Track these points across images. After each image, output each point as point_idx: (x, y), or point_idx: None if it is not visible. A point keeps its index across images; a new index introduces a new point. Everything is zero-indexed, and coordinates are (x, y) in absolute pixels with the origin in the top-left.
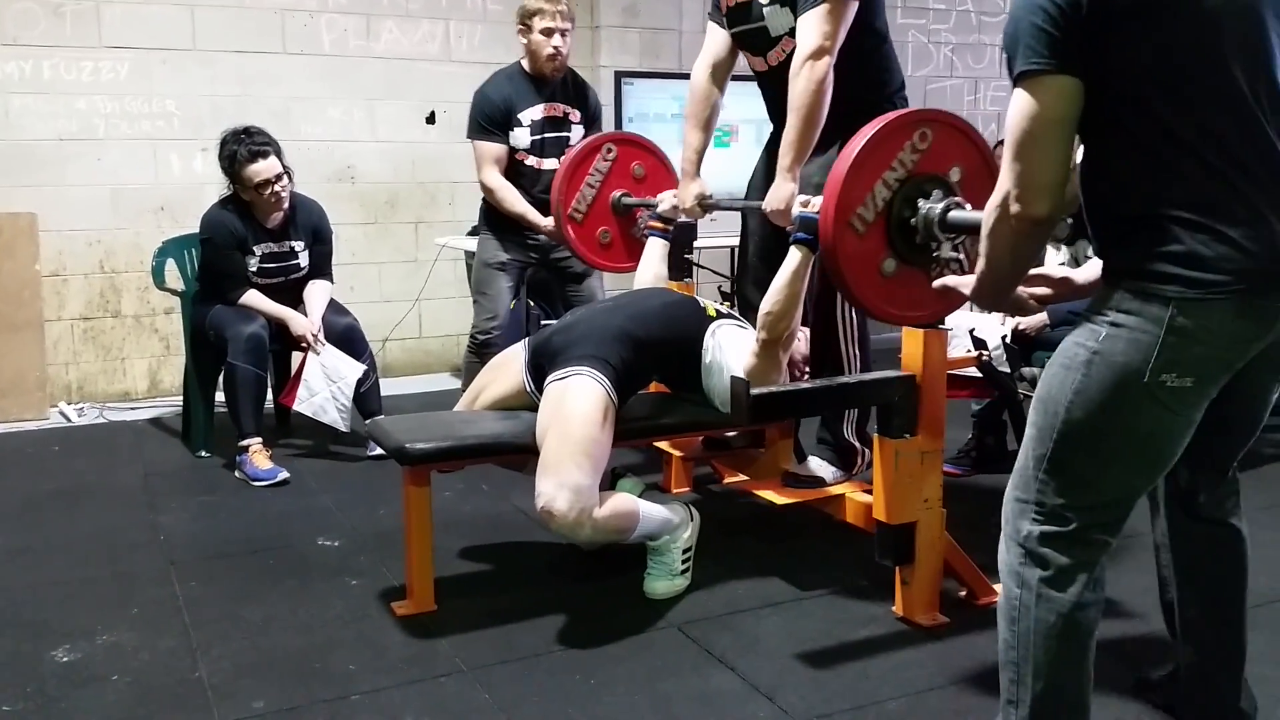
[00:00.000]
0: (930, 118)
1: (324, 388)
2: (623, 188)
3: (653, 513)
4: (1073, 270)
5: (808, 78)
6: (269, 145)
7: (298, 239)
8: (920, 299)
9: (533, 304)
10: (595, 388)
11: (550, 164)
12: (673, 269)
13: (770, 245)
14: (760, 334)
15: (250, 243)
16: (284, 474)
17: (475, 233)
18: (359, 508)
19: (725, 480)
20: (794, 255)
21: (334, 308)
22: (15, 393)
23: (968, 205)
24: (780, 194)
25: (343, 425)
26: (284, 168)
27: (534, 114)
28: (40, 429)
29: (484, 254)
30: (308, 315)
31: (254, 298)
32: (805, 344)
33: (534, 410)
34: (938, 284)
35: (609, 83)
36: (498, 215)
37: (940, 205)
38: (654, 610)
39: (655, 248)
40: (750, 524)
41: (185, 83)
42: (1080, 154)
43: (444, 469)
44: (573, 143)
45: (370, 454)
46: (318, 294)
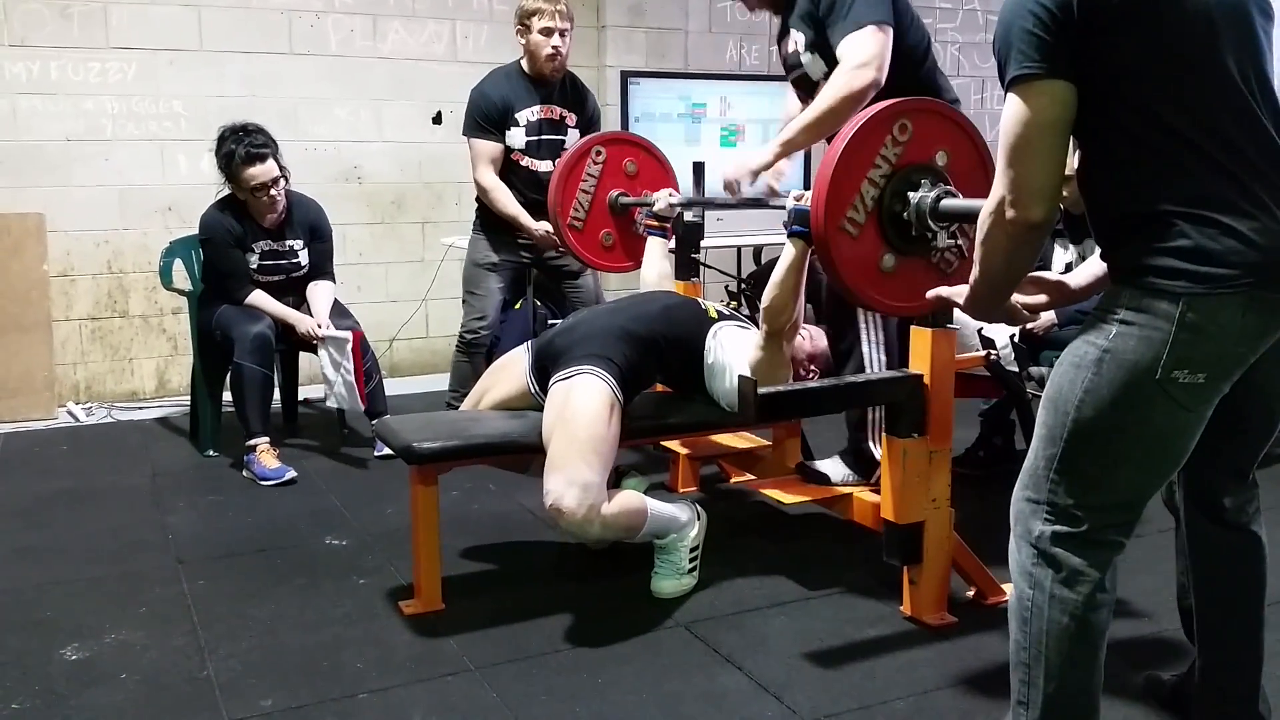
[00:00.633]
0: (907, 108)
1: (337, 375)
2: (618, 187)
3: (660, 511)
4: (1067, 275)
5: (845, 84)
6: (267, 146)
7: (295, 237)
8: (923, 288)
9: (539, 305)
10: (601, 386)
11: (545, 166)
12: (680, 268)
13: None
14: (762, 327)
15: (249, 240)
16: (291, 473)
17: None
18: (366, 507)
19: (732, 479)
20: (789, 249)
21: (337, 310)
22: (23, 392)
23: (959, 193)
24: (742, 161)
25: (357, 404)
26: (281, 169)
27: (531, 115)
28: (48, 429)
29: (474, 254)
30: (313, 313)
31: (260, 298)
32: (810, 342)
33: (539, 411)
34: (931, 294)
35: (615, 82)
36: (491, 215)
37: (931, 195)
38: (661, 609)
39: (655, 246)
40: (758, 523)
41: (192, 83)
42: (1076, 157)
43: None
44: (568, 146)
45: (378, 454)
46: (322, 294)
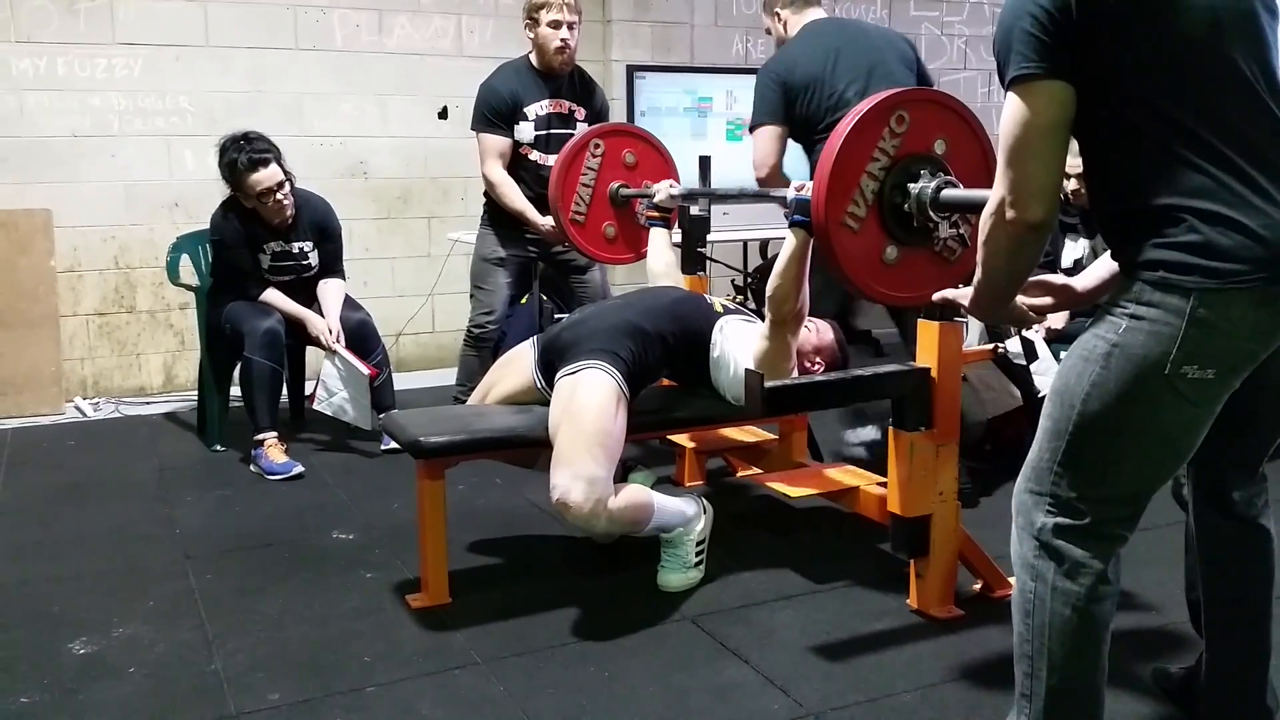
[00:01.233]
0: (904, 99)
1: (342, 388)
2: (617, 178)
3: (667, 505)
4: (1075, 278)
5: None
6: (269, 152)
7: (304, 239)
8: (927, 278)
9: (545, 299)
10: (607, 380)
11: (553, 160)
12: (686, 262)
13: None
14: (767, 315)
15: (259, 242)
16: (299, 468)
17: None
18: (374, 501)
19: (739, 473)
20: (791, 239)
21: (347, 303)
22: (31, 387)
23: (959, 182)
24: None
25: (366, 423)
26: (285, 173)
27: (539, 109)
28: (56, 423)
29: (482, 248)
30: (325, 315)
31: (273, 296)
32: (816, 335)
33: (545, 405)
34: (937, 296)
35: (621, 77)
36: (498, 210)
37: (931, 186)
38: (668, 603)
39: (659, 236)
40: (764, 517)
41: (198, 79)
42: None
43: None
44: None
45: (384, 448)
46: (332, 293)
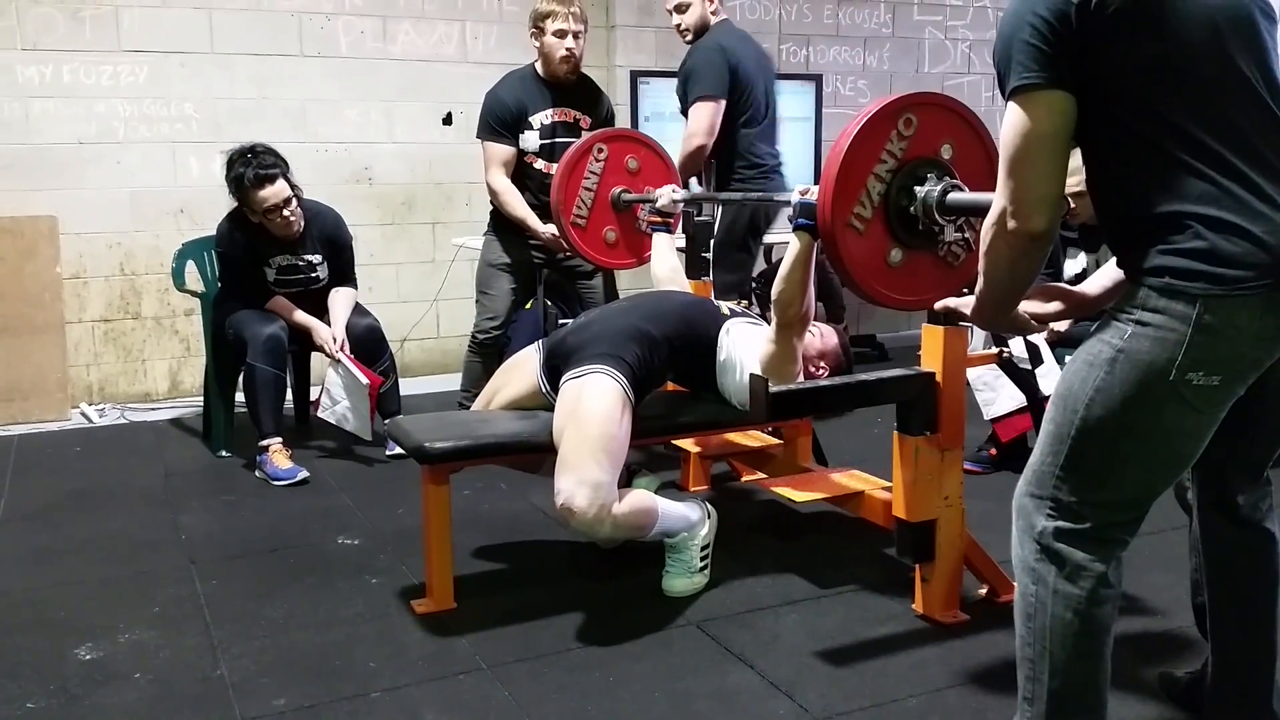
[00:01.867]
0: (911, 102)
1: (345, 397)
2: (620, 184)
3: (671, 510)
4: (1081, 284)
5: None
6: (275, 167)
7: (313, 252)
8: (930, 282)
9: (550, 304)
10: (612, 385)
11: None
12: (691, 267)
13: None
14: (773, 319)
15: (265, 255)
16: (304, 473)
17: None
18: (378, 507)
19: (743, 478)
20: (795, 242)
21: (356, 310)
22: (37, 394)
23: (965, 186)
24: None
25: (365, 434)
26: (293, 187)
27: (544, 118)
28: (62, 430)
29: (488, 254)
30: (331, 323)
31: (279, 303)
32: (821, 340)
33: (550, 410)
34: (939, 305)
35: (625, 82)
36: (503, 217)
37: (938, 189)
38: (672, 608)
39: (662, 241)
40: (769, 522)
41: (203, 85)
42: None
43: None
44: None
45: (389, 453)
46: (341, 301)
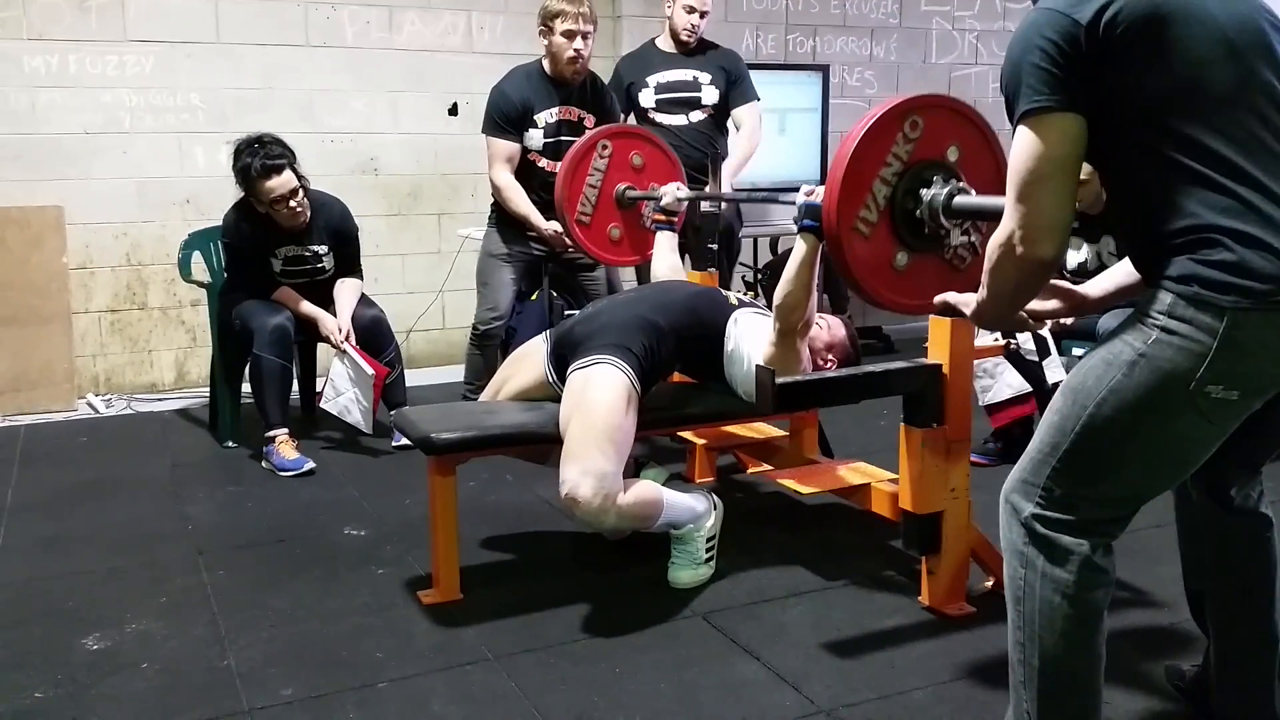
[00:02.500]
0: (918, 104)
1: (349, 388)
2: (624, 180)
3: (676, 501)
4: (1085, 284)
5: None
6: (282, 158)
7: (319, 242)
8: (936, 286)
9: (555, 295)
10: (618, 375)
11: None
12: (697, 259)
13: None
14: (775, 324)
15: (271, 245)
16: (310, 464)
17: None
18: (385, 497)
19: (749, 469)
20: (800, 245)
21: (361, 301)
22: (44, 384)
23: (971, 189)
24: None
25: (365, 426)
26: (300, 178)
27: (549, 116)
28: (68, 420)
29: (488, 245)
30: (337, 314)
31: (285, 293)
32: (828, 332)
33: (557, 401)
34: (938, 299)
35: None
36: (505, 209)
37: (944, 192)
38: (678, 599)
39: (664, 240)
40: (775, 513)
41: (209, 76)
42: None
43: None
44: None
45: (396, 444)
46: (347, 292)
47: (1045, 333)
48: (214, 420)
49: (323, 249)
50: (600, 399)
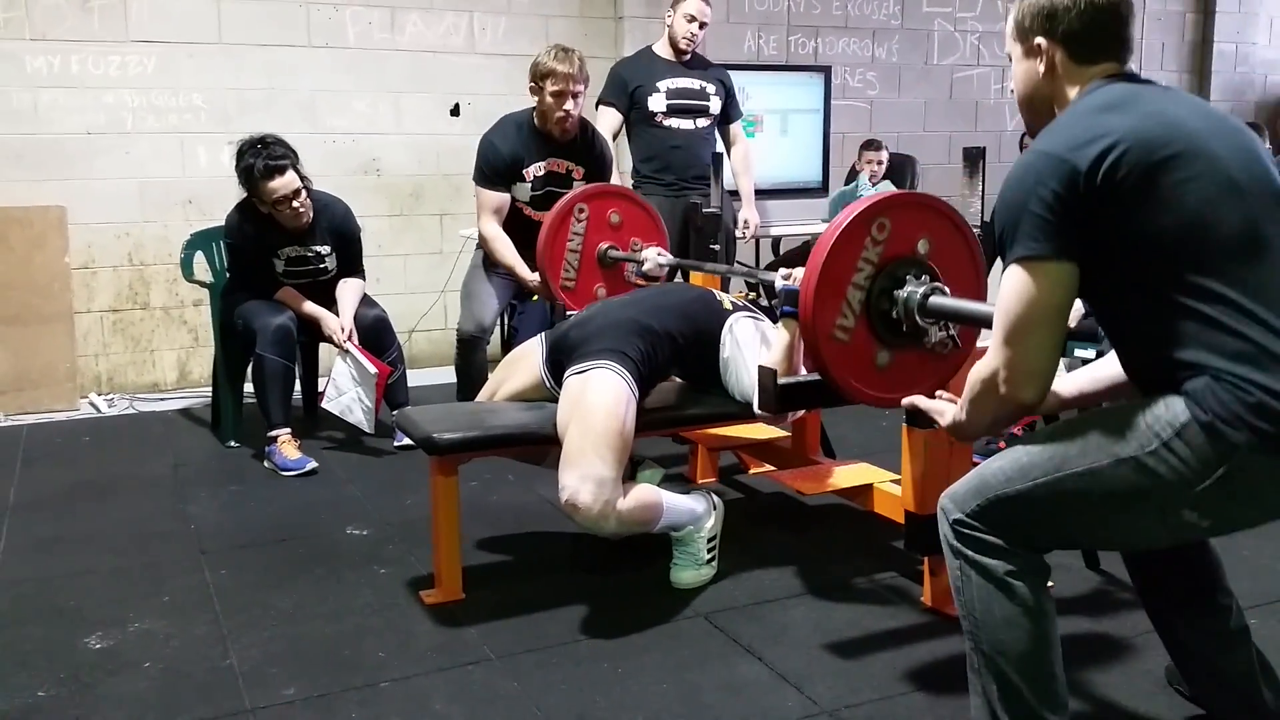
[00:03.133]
0: (881, 207)
1: (351, 388)
2: (604, 239)
3: (676, 504)
4: (1056, 381)
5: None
6: (286, 158)
7: (322, 243)
8: (921, 375)
9: None
10: (616, 380)
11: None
12: (700, 259)
13: None
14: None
15: (274, 246)
16: (312, 464)
17: None
18: (387, 497)
19: (751, 470)
20: (783, 331)
21: (363, 301)
22: (46, 384)
23: (945, 285)
24: None
25: (367, 426)
26: (302, 179)
27: (538, 169)
28: (71, 420)
29: (477, 256)
30: (340, 314)
31: (287, 293)
32: None
33: (555, 403)
34: (906, 402)
35: None
36: (491, 258)
37: (919, 292)
38: (680, 600)
39: None
40: (777, 514)
41: (212, 76)
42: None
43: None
44: None
45: (398, 444)
46: (349, 293)
47: None
48: (216, 420)
49: (325, 249)
50: (598, 404)
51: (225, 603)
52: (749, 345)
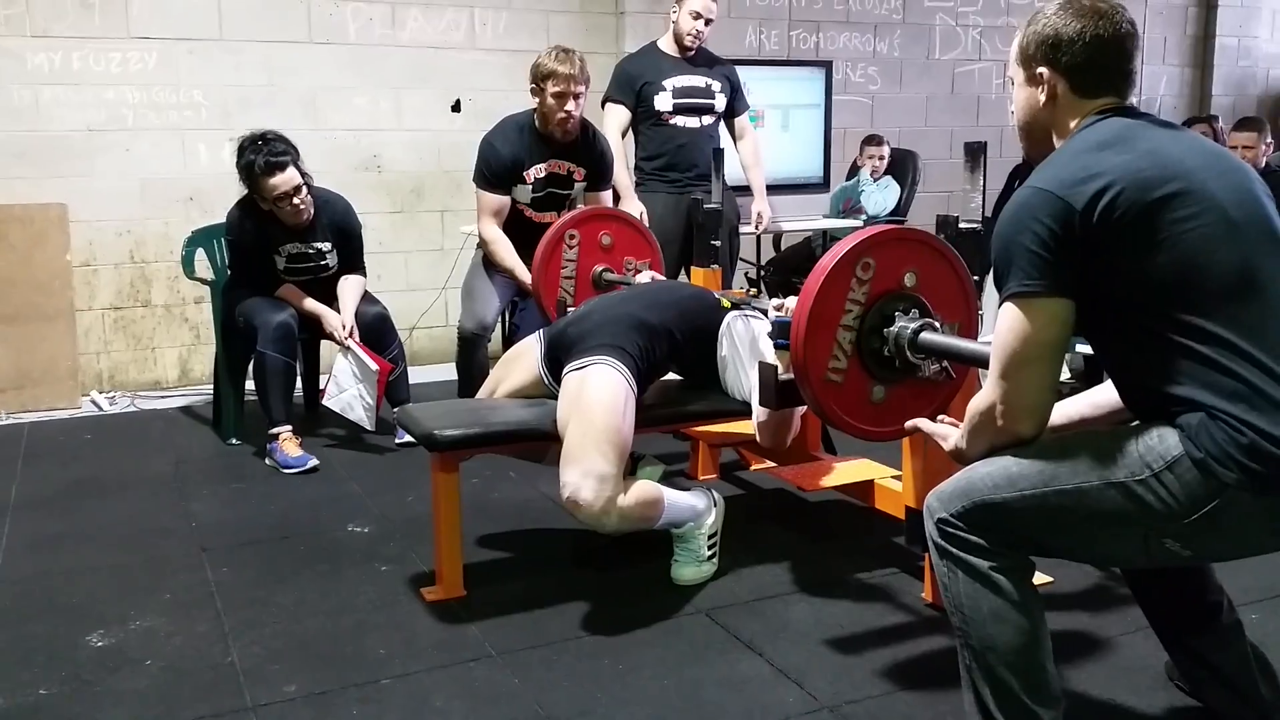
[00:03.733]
0: (863, 247)
1: (352, 385)
2: (597, 261)
3: (677, 500)
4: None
5: None
6: (286, 155)
7: (323, 240)
8: (918, 405)
9: None
10: (615, 376)
11: (548, 217)
12: (700, 255)
13: None
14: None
15: (275, 243)
16: (314, 461)
17: None
18: (388, 494)
19: (752, 466)
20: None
21: (364, 298)
22: (47, 381)
23: (935, 319)
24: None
25: (368, 423)
26: (303, 175)
27: (538, 171)
28: (72, 417)
29: (479, 254)
30: (341, 310)
31: (288, 290)
32: None
33: (554, 399)
34: (909, 425)
35: None
36: (491, 260)
37: (910, 328)
38: (681, 596)
39: None
40: (778, 510)
41: (212, 73)
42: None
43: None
44: (573, 197)
45: (399, 441)
46: (350, 290)
47: None
48: (217, 417)
49: (326, 246)
50: (598, 400)
51: (226, 600)
52: (746, 345)
